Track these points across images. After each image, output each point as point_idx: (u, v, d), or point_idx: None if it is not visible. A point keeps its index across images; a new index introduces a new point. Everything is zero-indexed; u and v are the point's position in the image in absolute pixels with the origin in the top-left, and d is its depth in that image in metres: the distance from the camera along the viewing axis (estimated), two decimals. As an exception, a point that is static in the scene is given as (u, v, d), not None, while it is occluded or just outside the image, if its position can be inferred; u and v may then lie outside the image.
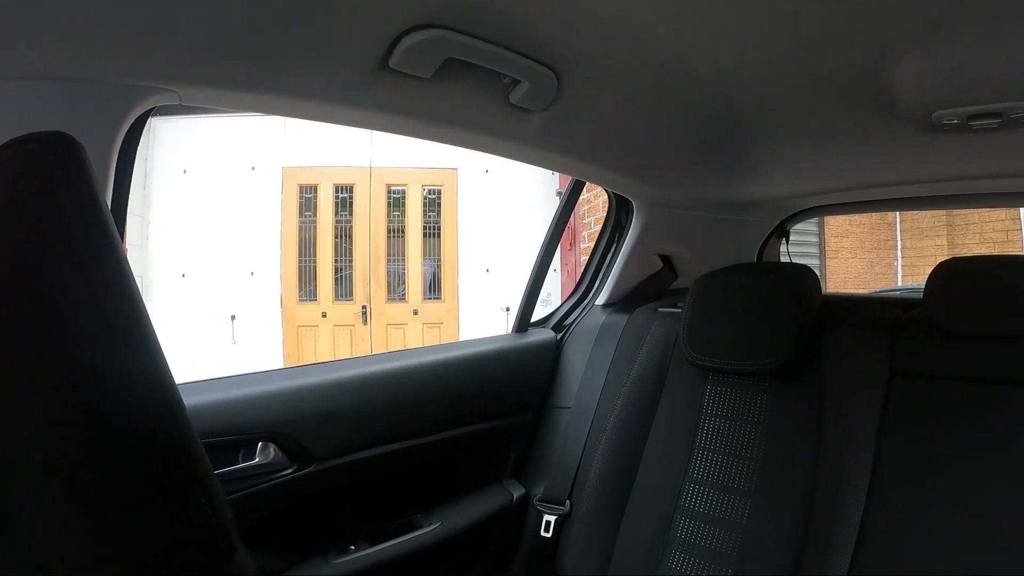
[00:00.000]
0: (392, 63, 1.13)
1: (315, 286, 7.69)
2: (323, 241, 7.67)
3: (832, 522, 1.58)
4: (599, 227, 2.43)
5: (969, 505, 1.46)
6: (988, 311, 1.57)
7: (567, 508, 2.00)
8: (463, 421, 1.99)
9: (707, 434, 1.88)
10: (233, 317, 7.50)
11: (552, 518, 2.01)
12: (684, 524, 1.82)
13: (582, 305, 2.40)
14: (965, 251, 9.19)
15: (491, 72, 1.23)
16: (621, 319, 2.20)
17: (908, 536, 1.50)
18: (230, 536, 0.59)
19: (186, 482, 0.57)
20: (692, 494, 1.84)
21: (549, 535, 2.00)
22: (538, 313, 2.38)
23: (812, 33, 1.16)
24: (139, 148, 1.14)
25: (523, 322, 2.28)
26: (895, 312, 1.81)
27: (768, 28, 1.14)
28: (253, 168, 7.53)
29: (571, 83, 1.32)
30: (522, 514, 2.12)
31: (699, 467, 1.86)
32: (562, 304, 2.44)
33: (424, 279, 7.83)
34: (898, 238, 10.63)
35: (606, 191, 2.20)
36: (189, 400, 0.72)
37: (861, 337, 1.75)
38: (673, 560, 1.80)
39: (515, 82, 1.28)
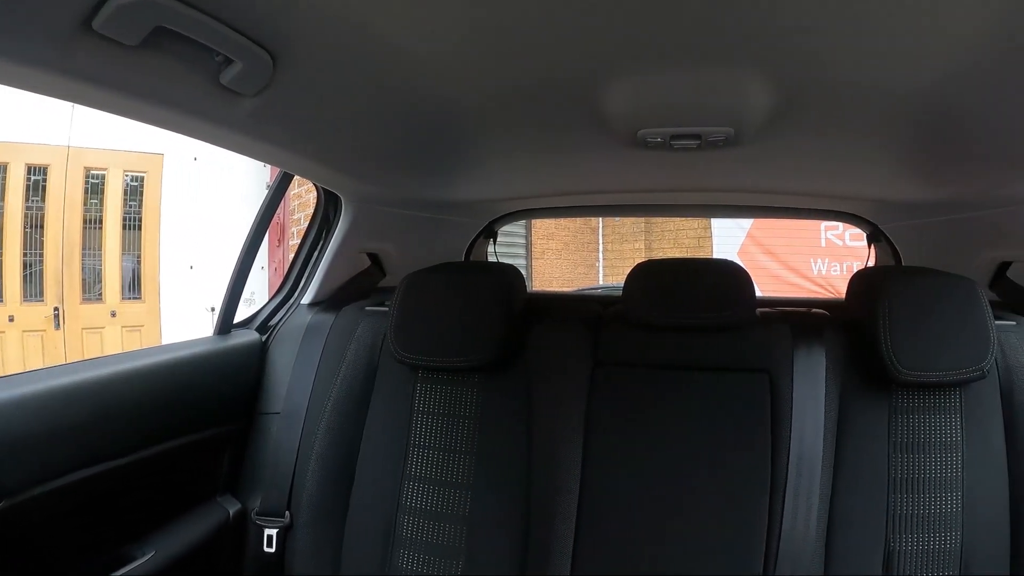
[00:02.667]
0: (96, 25, 0.97)
1: (0, 285, 6.46)
2: (11, 231, 6.42)
3: (551, 504, 1.71)
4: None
5: (671, 476, 1.72)
6: (678, 306, 1.79)
7: (287, 519, 1.89)
8: (167, 435, 1.81)
9: (420, 431, 1.88)
10: None
11: (273, 531, 1.89)
12: (408, 522, 1.83)
13: (287, 304, 2.29)
14: (661, 254, 9.89)
15: (203, 48, 1.10)
16: (328, 318, 2.12)
17: (622, 508, 1.72)
18: None
19: None
20: (412, 492, 1.84)
21: (273, 550, 1.89)
22: (244, 313, 2.23)
23: (530, 49, 1.15)
24: None
25: (225, 323, 2.12)
26: (596, 308, 1.98)
27: (488, 37, 1.12)
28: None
29: (286, 68, 1.22)
30: (241, 531, 1.98)
31: (416, 464, 1.86)
32: (266, 304, 2.31)
33: (123, 277, 7.07)
34: (600, 241, 11.27)
35: (315, 186, 2.10)
36: None
37: (565, 332, 1.87)
38: (402, 559, 1.81)
39: (228, 61, 1.15)
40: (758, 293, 1.93)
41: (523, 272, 9.89)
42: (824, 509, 1.66)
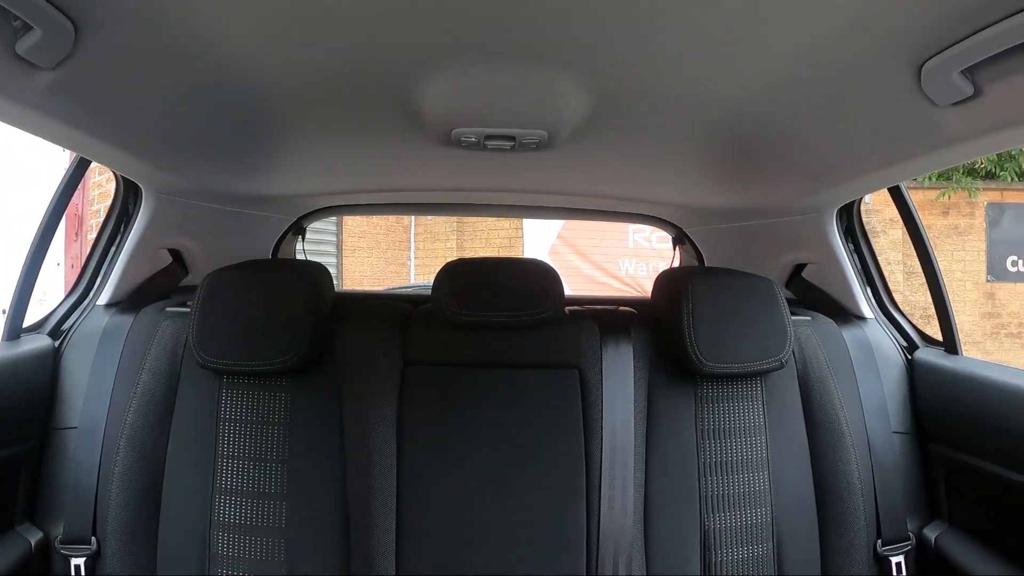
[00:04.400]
0: None
1: None
2: None
3: (369, 513, 1.69)
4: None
5: (489, 475, 1.75)
6: (487, 304, 1.80)
7: (94, 546, 1.71)
8: None
9: (228, 441, 1.78)
10: None
11: (80, 560, 1.70)
12: (223, 539, 1.72)
13: (82, 306, 2.07)
14: (472, 254, 9.98)
15: (1, 10, 0.98)
16: (126, 320, 1.95)
17: (442, 511, 1.73)
18: None
19: None
20: (225, 506, 1.74)
21: None
22: (37, 315, 2.00)
23: (343, 37, 1.12)
24: None
25: (14, 328, 1.89)
26: (406, 308, 1.97)
27: (301, 18, 1.07)
28: None
29: (88, 40, 1.11)
30: (45, 563, 1.78)
31: (226, 477, 1.76)
32: (59, 305, 2.08)
33: None
34: (412, 240, 11.26)
35: (114, 174, 1.94)
36: None
37: (374, 332, 1.86)
38: None
39: (27, 27, 1.03)
40: (568, 292, 1.97)
41: (333, 270, 9.72)
42: (640, 494, 1.76)
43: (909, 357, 2.08)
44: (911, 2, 1.01)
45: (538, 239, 9.58)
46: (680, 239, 2.58)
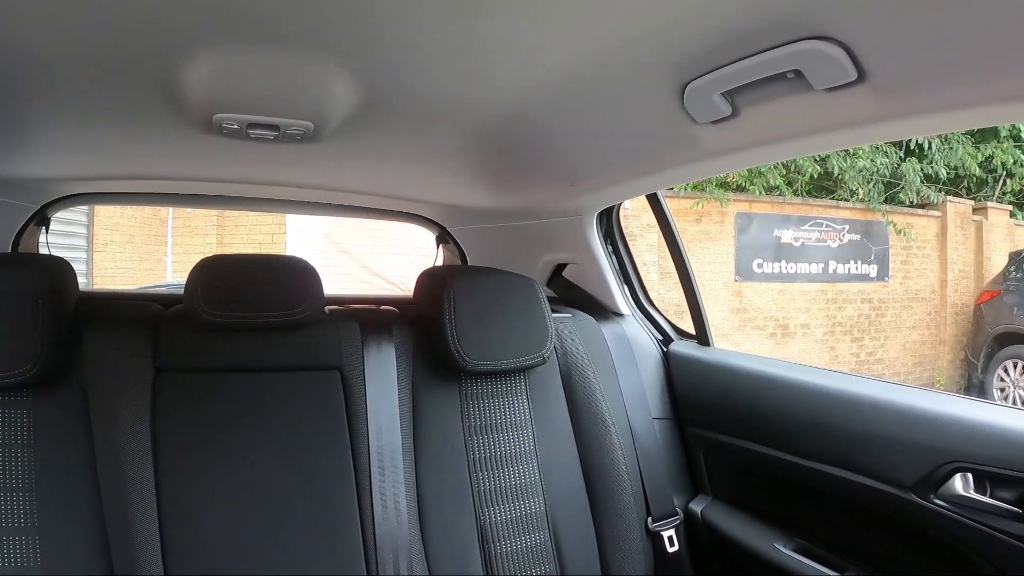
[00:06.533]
0: None
1: None
2: None
3: (132, 544, 1.52)
4: None
5: (257, 488, 1.65)
6: (241, 305, 1.70)
7: None
8: None
9: None
10: None
11: None
12: None
13: None
14: (234, 251, 9.61)
15: None
16: None
17: (211, 533, 1.60)
18: None
19: None
20: None
21: None
22: None
23: (98, 15, 1.05)
24: None
25: None
26: (158, 309, 1.79)
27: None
28: None
29: None
30: None
31: None
32: None
33: None
34: (169, 234, 10.70)
35: None
36: None
37: (123, 337, 1.68)
38: None
39: None
40: (331, 291, 1.93)
41: (83, 267, 9.05)
42: (412, 494, 1.75)
43: (665, 349, 2.26)
44: (678, 28, 1.09)
45: (302, 236, 9.38)
46: (444, 238, 2.62)
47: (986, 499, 1.47)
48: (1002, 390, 8.41)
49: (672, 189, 7.88)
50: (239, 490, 1.64)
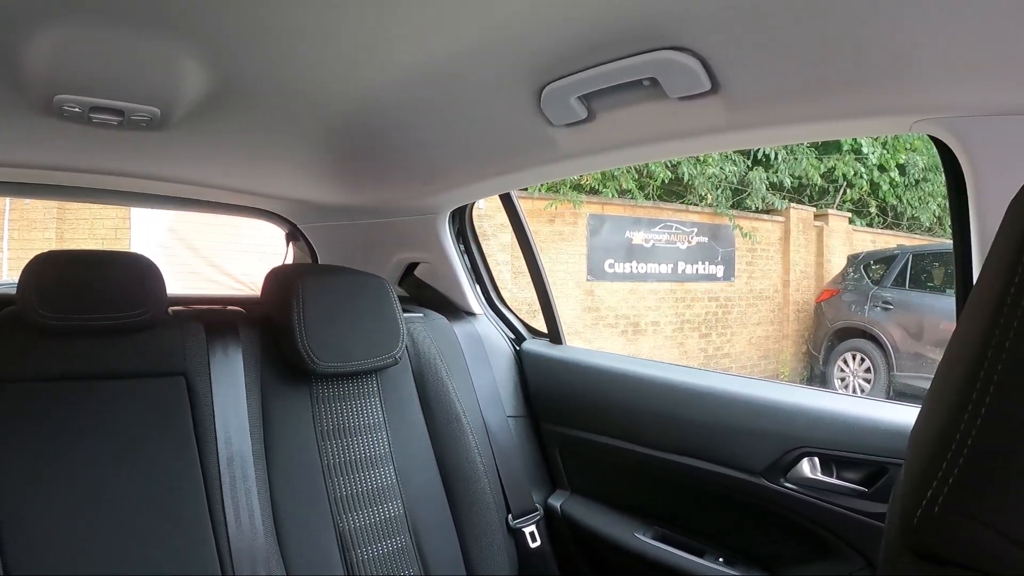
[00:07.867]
0: None
1: None
2: None
3: None
4: None
5: (101, 507, 1.52)
6: (77, 306, 1.57)
7: None
8: None
9: None
10: None
11: None
12: None
13: None
14: (75, 246, 9.18)
15: None
16: None
17: (52, 546, 1.46)
18: None
19: None
20: None
21: None
22: None
23: None
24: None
25: None
26: None
27: None
28: None
29: None
30: None
31: None
32: None
33: None
34: (5, 228, 10.11)
35: None
36: None
37: None
38: None
39: None
40: (176, 290, 1.87)
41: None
42: (266, 502, 1.69)
43: (517, 348, 2.29)
44: (537, 32, 1.12)
45: (147, 231, 9.04)
46: (294, 235, 2.59)
47: (832, 480, 1.57)
48: (843, 380, 9.11)
49: (526, 190, 8.03)
50: (82, 508, 1.51)
